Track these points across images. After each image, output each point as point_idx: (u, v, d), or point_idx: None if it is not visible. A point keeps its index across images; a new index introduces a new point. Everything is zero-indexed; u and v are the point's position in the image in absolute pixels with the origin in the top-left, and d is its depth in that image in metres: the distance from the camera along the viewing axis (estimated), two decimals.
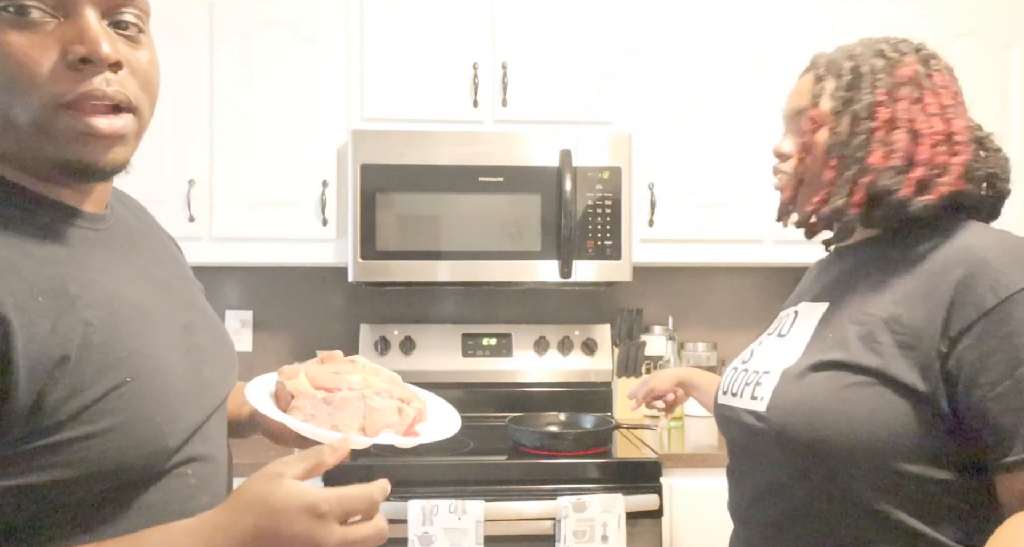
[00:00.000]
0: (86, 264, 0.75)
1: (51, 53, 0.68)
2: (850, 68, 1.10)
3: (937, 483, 0.97)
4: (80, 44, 0.69)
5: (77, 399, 0.68)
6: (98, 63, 0.69)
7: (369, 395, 0.91)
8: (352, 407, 0.89)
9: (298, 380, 0.92)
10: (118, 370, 0.71)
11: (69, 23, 0.69)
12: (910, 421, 0.96)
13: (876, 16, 2.43)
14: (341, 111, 2.33)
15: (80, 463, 0.68)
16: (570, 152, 2.24)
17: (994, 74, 2.47)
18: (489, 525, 1.82)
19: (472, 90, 2.34)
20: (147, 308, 0.79)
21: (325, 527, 0.69)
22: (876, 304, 1.03)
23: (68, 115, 0.70)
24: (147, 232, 0.92)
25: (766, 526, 1.09)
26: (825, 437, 0.99)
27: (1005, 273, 0.94)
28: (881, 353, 0.98)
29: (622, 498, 1.86)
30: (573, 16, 2.38)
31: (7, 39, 0.68)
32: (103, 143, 0.72)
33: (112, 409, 0.70)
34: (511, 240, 2.25)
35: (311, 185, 2.32)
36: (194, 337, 0.85)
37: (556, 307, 2.73)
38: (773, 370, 1.10)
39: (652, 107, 2.39)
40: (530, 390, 2.57)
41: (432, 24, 2.35)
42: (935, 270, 1.00)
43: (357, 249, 2.23)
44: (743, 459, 1.16)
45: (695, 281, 2.79)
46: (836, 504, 1.00)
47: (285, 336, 2.67)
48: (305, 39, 2.33)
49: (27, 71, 0.68)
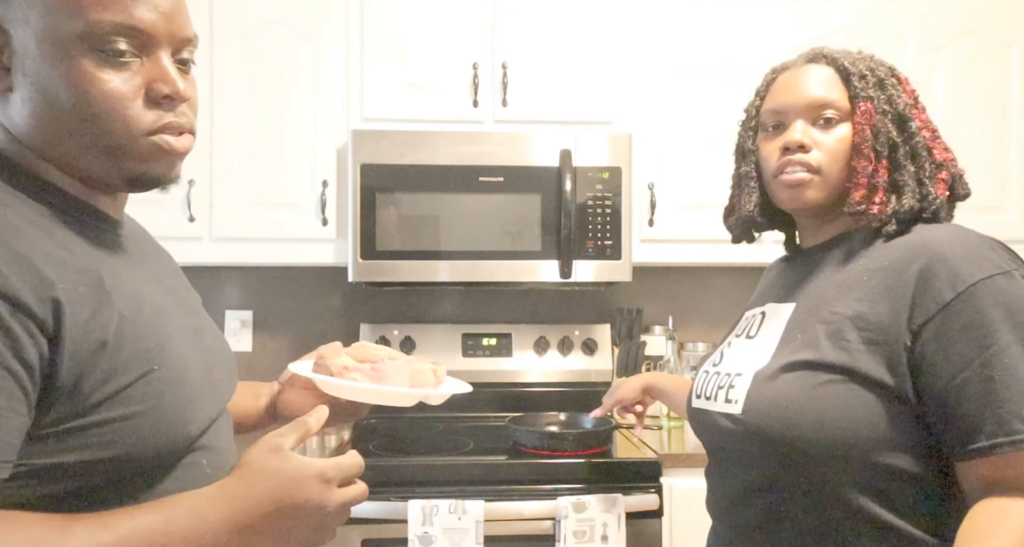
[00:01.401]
0: (115, 264, 0.83)
1: (138, 89, 0.81)
2: (868, 69, 1.12)
3: (909, 475, 1.00)
4: (163, 83, 0.81)
5: (111, 383, 0.75)
6: (178, 100, 0.83)
7: (412, 360, 1.09)
8: (401, 372, 1.05)
9: (343, 358, 1.06)
10: (147, 359, 0.79)
11: (150, 63, 0.81)
12: (881, 415, 0.99)
13: (876, 16, 2.43)
14: (341, 111, 2.33)
15: (111, 444, 0.75)
16: (570, 152, 2.24)
17: (994, 74, 2.47)
18: (489, 525, 1.82)
19: (472, 90, 2.34)
20: (166, 308, 0.87)
21: (330, 491, 0.83)
22: (841, 303, 1.05)
23: (151, 140, 0.82)
24: (152, 244, 1.01)
25: (745, 525, 1.11)
26: (800, 435, 1.01)
27: (961, 266, 0.98)
28: (849, 350, 1.01)
29: (622, 498, 1.86)
30: (573, 16, 2.38)
31: (104, 76, 0.79)
32: (175, 159, 0.85)
33: (142, 395, 0.77)
34: (511, 240, 2.25)
35: (311, 185, 2.32)
36: (203, 340, 0.92)
37: (556, 307, 2.73)
38: (745, 372, 1.11)
39: (652, 107, 2.40)
40: (530, 390, 2.56)
41: (432, 24, 2.35)
42: (894, 267, 1.03)
43: (357, 249, 2.23)
44: (720, 461, 1.17)
45: (695, 281, 2.79)
46: (813, 500, 1.03)
47: (285, 336, 2.67)
48: (305, 39, 2.33)
49: (119, 104, 0.79)
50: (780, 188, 1.15)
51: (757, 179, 1.20)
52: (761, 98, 1.21)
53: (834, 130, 1.11)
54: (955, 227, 1.06)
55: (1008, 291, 0.97)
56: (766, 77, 1.22)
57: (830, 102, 1.11)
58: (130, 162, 0.82)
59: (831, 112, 1.11)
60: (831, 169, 1.11)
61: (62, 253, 0.76)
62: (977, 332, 0.96)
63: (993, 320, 0.96)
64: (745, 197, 1.22)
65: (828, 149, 1.11)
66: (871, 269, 1.05)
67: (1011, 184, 2.47)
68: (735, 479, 1.12)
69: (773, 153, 1.15)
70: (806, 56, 1.17)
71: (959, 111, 2.45)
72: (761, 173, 1.19)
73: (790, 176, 1.12)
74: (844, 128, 1.11)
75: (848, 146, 1.10)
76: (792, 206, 1.16)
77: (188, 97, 0.85)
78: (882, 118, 1.09)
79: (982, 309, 0.96)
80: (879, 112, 1.09)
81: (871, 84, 1.11)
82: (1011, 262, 1.00)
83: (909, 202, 1.07)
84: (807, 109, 1.13)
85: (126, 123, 0.80)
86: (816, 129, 1.12)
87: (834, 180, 1.11)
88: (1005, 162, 2.47)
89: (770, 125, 1.17)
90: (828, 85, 1.12)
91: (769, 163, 1.16)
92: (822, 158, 1.11)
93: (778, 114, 1.15)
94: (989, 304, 0.96)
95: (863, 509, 1.00)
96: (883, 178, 1.09)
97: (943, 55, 2.46)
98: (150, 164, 0.83)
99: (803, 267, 1.18)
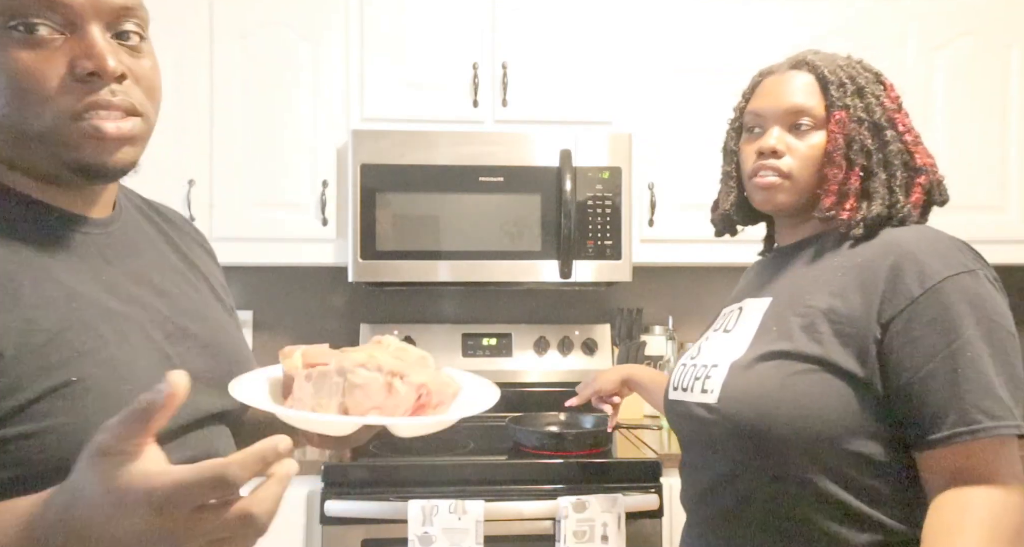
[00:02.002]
0: (51, 266, 0.76)
1: (60, 68, 0.73)
2: (848, 77, 1.16)
3: (877, 463, 1.04)
4: (87, 59, 0.73)
5: (14, 398, 0.68)
6: (105, 77, 0.74)
7: (350, 369, 0.75)
8: (329, 383, 0.75)
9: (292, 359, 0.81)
10: (62, 370, 0.71)
11: (75, 38, 0.73)
12: (851, 405, 1.04)
13: (876, 16, 2.43)
14: (341, 111, 2.33)
15: (19, 463, 0.68)
16: (570, 152, 2.24)
17: (994, 74, 2.47)
18: (489, 525, 1.82)
19: (472, 90, 2.34)
20: (121, 311, 0.79)
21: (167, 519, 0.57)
22: (815, 297, 1.09)
23: (78, 124, 0.74)
24: (161, 239, 0.93)
25: (717, 514, 1.14)
26: (774, 423, 1.05)
27: (929, 264, 1.03)
28: (822, 342, 1.05)
29: (622, 498, 1.86)
30: (573, 16, 2.38)
31: (18, 56, 0.72)
32: (112, 145, 0.76)
33: (53, 409, 0.69)
34: (511, 240, 2.26)
35: (311, 185, 2.32)
36: (179, 346, 0.84)
37: (556, 307, 2.73)
38: (721, 363, 1.15)
39: (652, 107, 2.40)
40: (530, 390, 2.56)
41: (432, 24, 2.35)
42: (866, 264, 1.07)
43: (357, 249, 2.23)
44: (694, 452, 1.20)
45: (695, 281, 2.79)
46: (782, 487, 1.06)
47: (285, 336, 2.67)
48: (305, 39, 2.33)
49: (38, 86, 0.72)
50: (754, 190, 1.20)
51: (736, 179, 1.26)
52: (746, 100, 1.26)
53: (808, 137, 1.15)
54: (925, 228, 1.11)
55: (972, 289, 1.02)
56: (752, 79, 1.26)
57: (806, 110, 1.15)
58: (62, 149, 0.75)
59: (806, 120, 1.15)
60: (802, 175, 1.15)
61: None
62: (942, 326, 1.00)
63: (958, 315, 1.00)
64: (724, 195, 1.29)
65: (801, 156, 1.15)
66: (844, 266, 1.10)
67: (1011, 184, 2.47)
68: (708, 470, 1.15)
69: (751, 155, 1.20)
70: (791, 61, 1.21)
71: (959, 111, 2.45)
72: (740, 173, 1.25)
73: (763, 180, 1.17)
74: (819, 136, 1.15)
75: (821, 153, 1.14)
76: (765, 208, 1.21)
77: (122, 72, 0.75)
78: (857, 127, 1.13)
79: (948, 305, 1.01)
80: (854, 121, 1.13)
81: (849, 93, 1.14)
82: (975, 262, 1.05)
83: (877, 209, 1.11)
84: (784, 115, 1.17)
85: (49, 106, 0.73)
86: (792, 135, 1.16)
87: (805, 185, 1.16)
88: (1005, 162, 2.47)
89: (750, 128, 1.22)
90: (806, 93, 1.16)
91: (746, 165, 1.21)
92: (794, 164, 1.15)
93: (758, 118, 1.20)
94: (955, 300, 1.01)
95: (831, 496, 1.04)
96: (855, 185, 1.13)
97: (943, 55, 2.46)
98: (82, 151, 0.75)
99: (779, 263, 1.23)
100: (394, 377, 0.76)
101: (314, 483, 1.92)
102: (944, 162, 2.48)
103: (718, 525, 1.14)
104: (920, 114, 2.44)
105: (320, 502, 1.86)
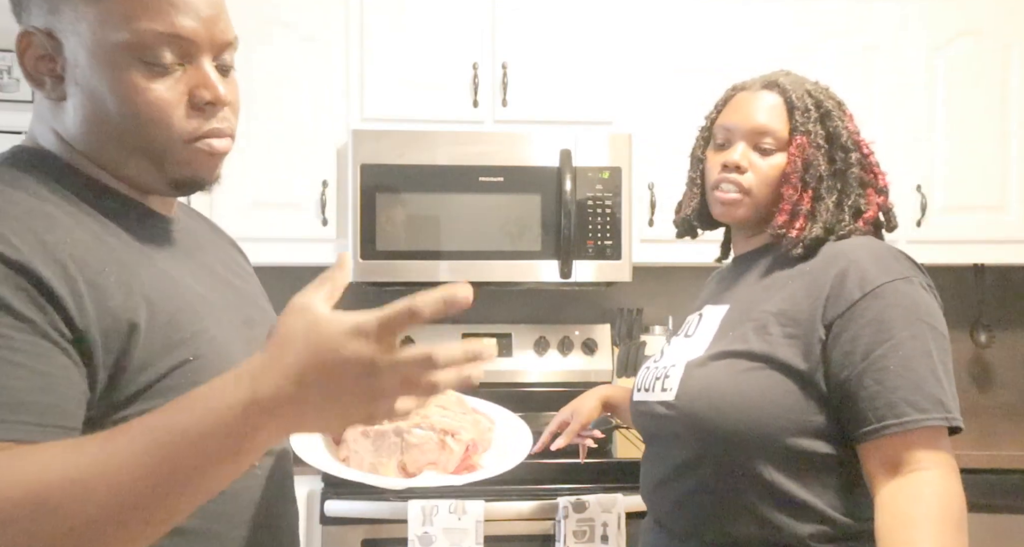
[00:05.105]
0: (154, 256, 0.85)
1: (182, 96, 0.83)
2: (814, 103, 1.22)
3: (822, 457, 1.12)
4: (205, 89, 0.84)
5: (146, 373, 0.75)
6: (219, 105, 0.85)
7: (407, 429, 0.81)
8: (388, 443, 0.81)
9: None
10: (182, 349, 0.78)
11: (192, 68, 0.84)
12: (797, 400, 1.12)
13: (876, 17, 2.43)
14: (341, 111, 2.33)
15: None
16: (570, 152, 2.24)
17: (994, 74, 2.46)
18: (489, 525, 1.82)
19: (472, 90, 2.34)
20: (210, 298, 0.87)
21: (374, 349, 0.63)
22: (768, 302, 1.18)
23: (194, 146, 0.85)
24: (212, 237, 1.03)
25: (673, 502, 1.22)
26: (725, 417, 1.13)
27: (870, 270, 1.13)
28: (771, 342, 1.14)
29: (622, 498, 1.86)
30: (573, 16, 2.38)
31: (148, 86, 0.81)
32: (216, 162, 0.88)
33: (177, 385, 0.75)
34: (511, 240, 2.26)
35: (311, 185, 2.32)
36: (254, 331, 0.91)
37: (556, 307, 2.73)
38: (679, 363, 1.22)
39: (652, 107, 2.39)
40: (530, 390, 2.56)
41: (432, 24, 2.35)
42: (815, 272, 1.17)
43: (357, 249, 2.23)
44: (654, 446, 1.28)
45: (695, 281, 2.77)
46: (733, 479, 1.13)
47: None
48: (305, 39, 2.33)
49: (162, 113, 0.82)
50: (715, 203, 1.27)
51: (700, 186, 1.33)
52: (718, 111, 1.32)
53: (771, 157, 1.22)
54: (870, 239, 1.21)
55: (907, 294, 1.12)
56: (726, 93, 1.33)
57: (771, 131, 1.22)
58: (173, 167, 0.84)
59: (770, 140, 1.22)
60: (760, 192, 1.22)
61: (94, 242, 0.78)
62: (878, 326, 1.09)
63: (893, 318, 1.10)
64: (687, 200, 1.36)
65: (761, 174, 1.22)
66: (793, 274, 1.19)
67: (1011, 184, 2.46)
68: (666, 461, 1.22)
69: (715, 167, 1.26)
70: (763, 80, 1.27)
71: (959, 111, 2.44)
72: (704, 181, 1.31)
73: (724, 195, 1.24)
74: (780, 157, 1.22)
75: (779, 174, 1.22)
76: (723, 219, 1.29)
77: (229, 101, 0.88)
78: (815, 152, 1.20)
79: (884, 308, 1.10)
80: (813, 146, 1.20)
81: (812, 119, 1.21)
82: (912, 270, 1.15)
83: (816, 231, 1.19)
84: (750, 134, 1.23)
85: (170, 130, 0.82)
86: (755, 153, 1.23)
87: (762, 201, 1.23)
88: (1005, 162, 2.46)
89: (718, 140, 1.27)
90: (773, 114, 1.23)
91: (711, 175, 1.27)
92: (754, 181, 1.22)
93: (726, 132, 1.26)
94: (891, 304, 1.10)
95: (777, 486, 1.11)
96: (806, 206, 1.20)
97: (943, 55, 2.46)
98: (194, 168, 0.85)
99: (736, 273, 1.31)
100: (446, 435, 0.86)
101: (314, 483, 1.93)
102: (944, 162, 2.49)
103: (672, 513, 1.22)
104: (920, 114, 2.45)
105: (320, 502, 1.86)
